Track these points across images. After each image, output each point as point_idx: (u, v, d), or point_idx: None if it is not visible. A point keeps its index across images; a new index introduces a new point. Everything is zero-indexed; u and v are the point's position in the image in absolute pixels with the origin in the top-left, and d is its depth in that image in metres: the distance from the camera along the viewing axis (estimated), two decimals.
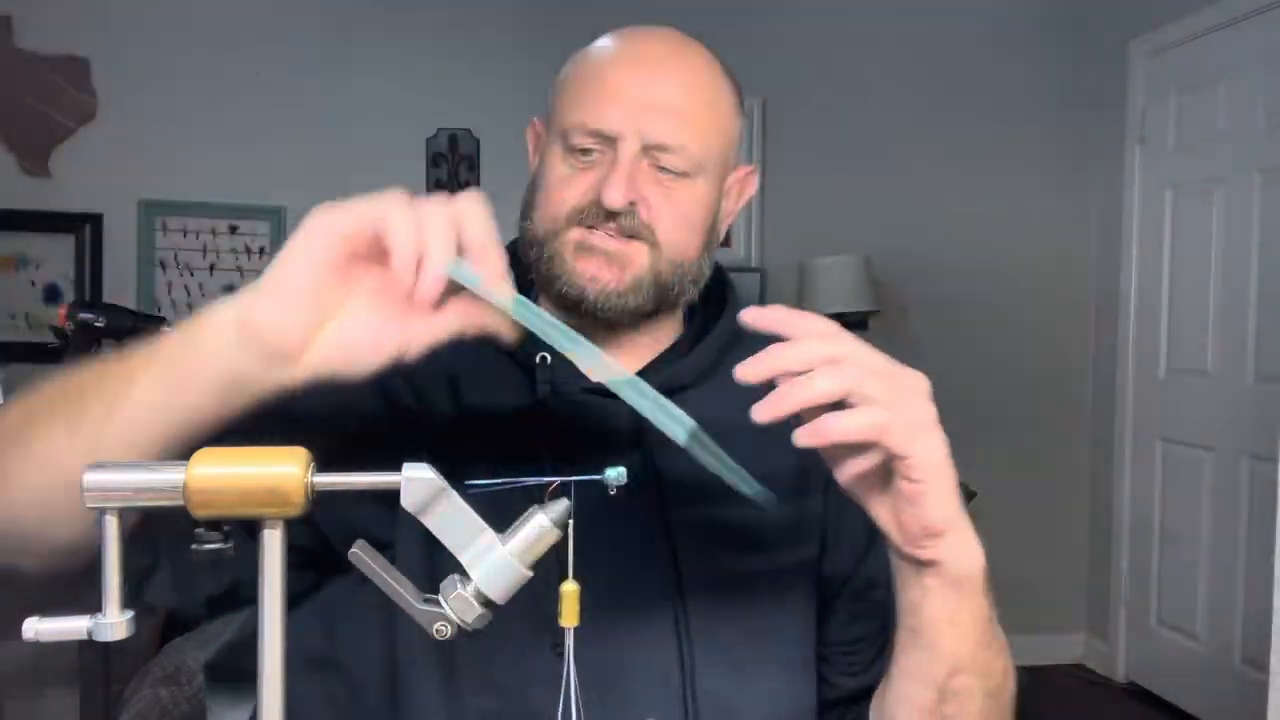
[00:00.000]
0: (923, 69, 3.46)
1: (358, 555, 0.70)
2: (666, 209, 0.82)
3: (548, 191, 0.85)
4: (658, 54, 0.86)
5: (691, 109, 0.84)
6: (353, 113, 3.13)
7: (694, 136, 0.83)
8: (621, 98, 0.82)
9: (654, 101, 0.82)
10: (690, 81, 0.85)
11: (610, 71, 0.85)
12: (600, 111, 0.82)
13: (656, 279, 0.83)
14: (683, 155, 0.82)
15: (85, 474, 0.64)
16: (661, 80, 0.84)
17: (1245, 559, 2.91)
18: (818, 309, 3.22)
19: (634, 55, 0.86)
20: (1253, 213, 2.91)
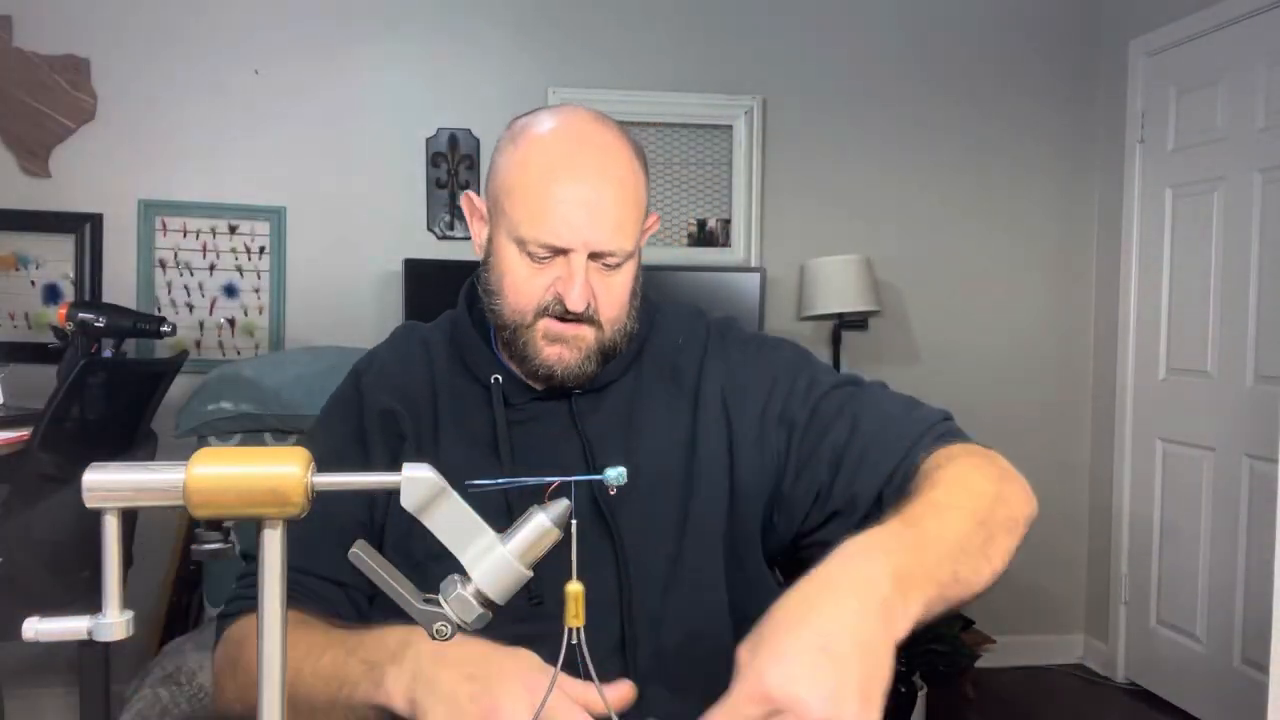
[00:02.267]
0: (922, 69, 3.46)
1: (358, 555, 0.70)
2: (608, 297, 1.03)
3: (513, 288, 1.03)
4: (592, 164, 1.01)
5: (624, 212, 1.01)
6: (353, 112, 3.13)
7: (628, 236, 1.02)
8: (569, 218, 0.99)
9: (596, 216, 0.99)
10: (620, 186, 1.01)
11: (555, 189, 0.99)
12: (554, 230, 0.99)
13: (602, 348, 1.04)
14: (620, 253, 1.01)
15: (85, 474, 0.64)
16: (599, 194, 1.00)
17: (1245, 559, 2.91)
18: (818, 309, 3.23)
19: (572, 170, 1.00)
20: (1253, 213, 2.91)
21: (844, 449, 1.04)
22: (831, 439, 1.05)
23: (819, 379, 1.11)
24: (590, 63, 3.26)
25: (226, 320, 3.07)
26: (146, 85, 3.01)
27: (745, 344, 1.14)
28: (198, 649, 1.83)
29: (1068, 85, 3.55)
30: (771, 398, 1.09)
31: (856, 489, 1.03)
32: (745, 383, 1.10)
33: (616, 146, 1.03)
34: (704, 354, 1.12)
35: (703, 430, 1.08)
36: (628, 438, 1.07)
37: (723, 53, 3.34)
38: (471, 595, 0.69)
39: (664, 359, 1.12)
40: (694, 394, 1.09)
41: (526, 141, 1.03)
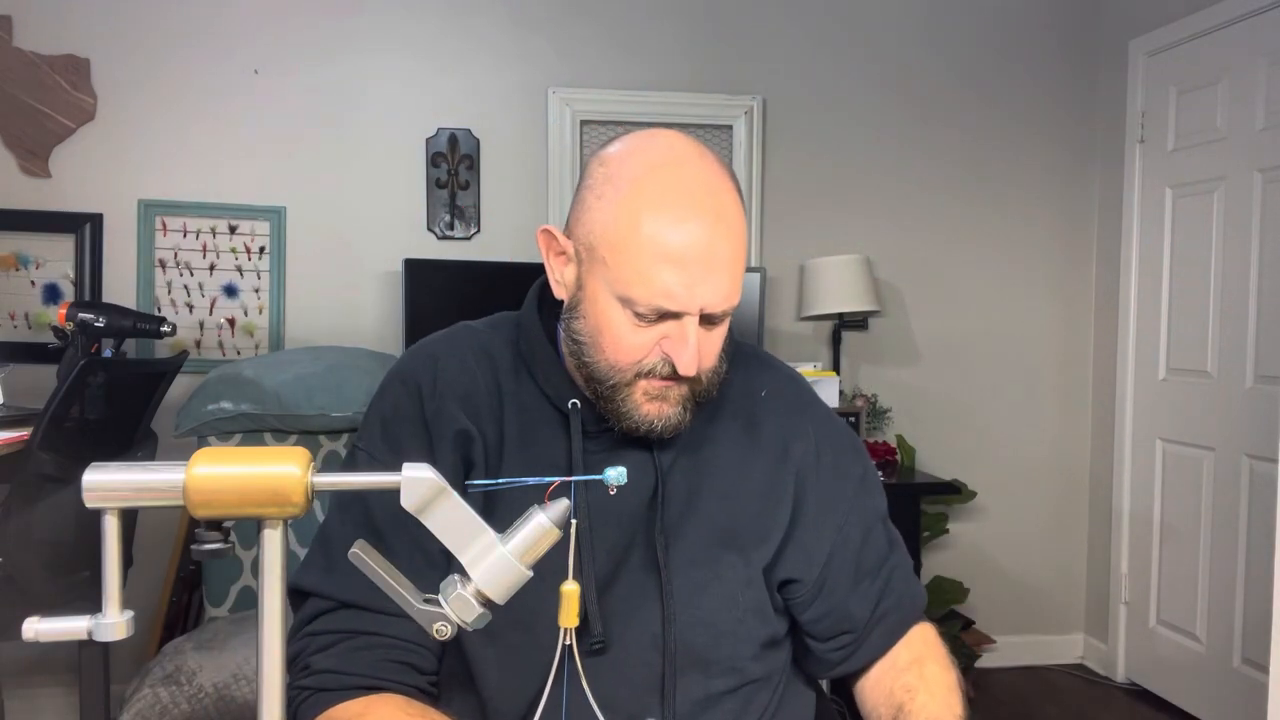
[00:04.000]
0: (923, 69, 3.46)
1: (358, 555, 0.70)
2: (709, 350, 0.99)
3: (614, 345, 0.97)
4: (708, 220, 0.93)
5: (737, 269, 0.95)
6: (353, 112, 3.13)
7: (736, 290, 0.96)
8: (685, 281, 0.92)
9: (711, 277, 0.93)
10: (733, 240, 0.94)
11: (669, 250, 0.92)
12: (668, 294, 0.93)
13: (697, 400, 1.01)
14: (729, 310, 0.97)
15: (85, 474, 0.64)
16: (713, 252, 0.93)
17: (1245, 559, 2.91)
18: (818, 309, 3.23)
19: (686, 228, 0.92)
20: (1253, 213, 2.91)
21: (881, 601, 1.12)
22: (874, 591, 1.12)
23: (877, 503, 1.16)
24: (590, 63, 3.26)
25: (226, 320, 3.07)
26: (146, 85, 3.01)
27: (828, 420, 1.16)
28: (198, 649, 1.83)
29: (1068, 85, 3.55)
30: (840, 497, 1.12)
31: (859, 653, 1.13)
32: (827, 463, 1.12)
33: (725, 190, 0.95)
34: (786, 412, 1.12)
35: (779, 487, 1.08)
36: (698, 478, 1.05)
37: (723, 53, 3.34)
38: (471, 595, 0.69)
39: (741, 406, 1.10)
40: (774, 449, 1.09)
41: (630, 187, 0.94)
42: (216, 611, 2.13)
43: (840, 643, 1.12)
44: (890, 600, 1.12)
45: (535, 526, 0.70)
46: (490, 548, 0.69)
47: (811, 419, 1.13)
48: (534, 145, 3.22)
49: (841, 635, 1.12)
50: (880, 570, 1.13)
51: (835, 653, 1.13)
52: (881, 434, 3.37)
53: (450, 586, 0.70)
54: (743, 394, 1.11)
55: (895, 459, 3.09)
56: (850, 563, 1.11)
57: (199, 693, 1.71)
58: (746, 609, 1.05)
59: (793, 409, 1.13)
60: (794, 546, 1.08)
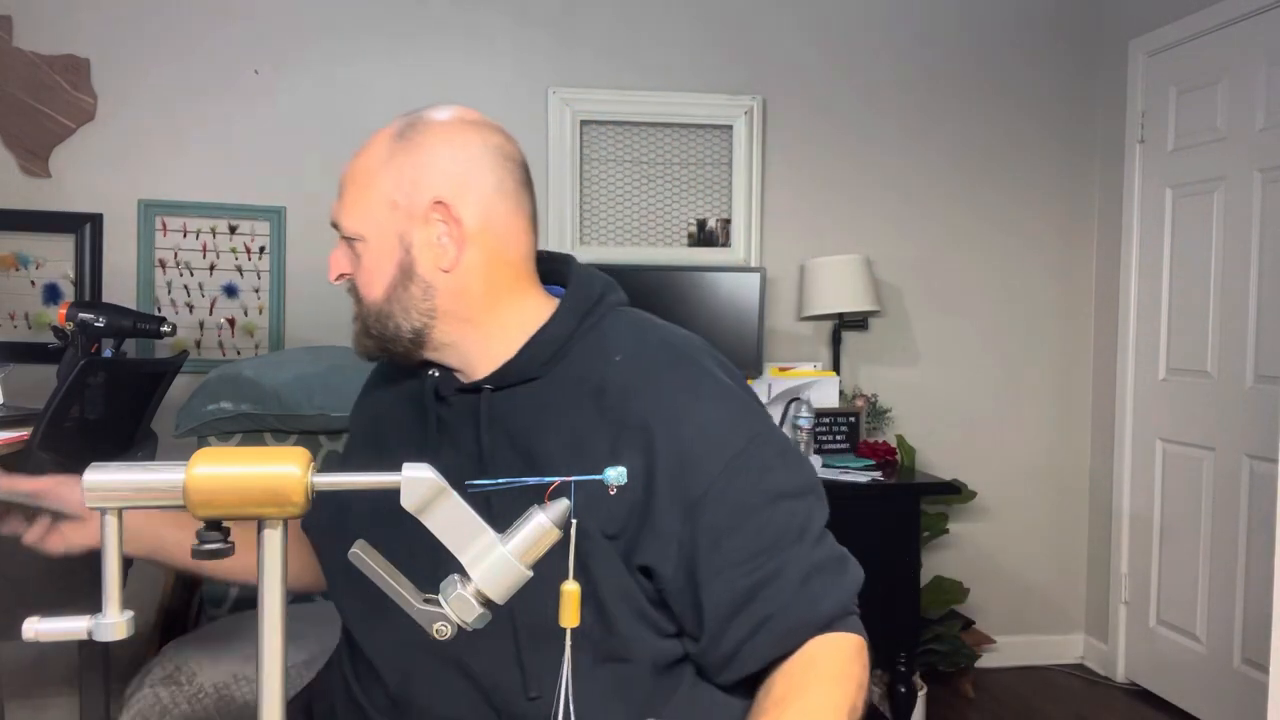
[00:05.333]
0: (923, 69, 3.46)
1: (358, 555, 0.70)
2: (359, 273, 1.09)
3: None
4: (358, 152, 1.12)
5: (351, 192, 1.09)
6: (353, 112, 3.13)
7: (351, 214, 1.08)
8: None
9: (338, 191, 1.11)
10: (353, 169, 1.10)
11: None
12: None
13: (366, 328, 1.11)
14: (344, 229, 1.08)
15: (85, 474, 0.64)
16: (343, 175, 1.11)
17: (1245, 559, 2.91)
18: (818, 309, 3.23)
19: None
20: (1253, 213, 2.91)
21: (753, 599, 0.96)
22: (752, 579, 0.96)
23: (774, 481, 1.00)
24: (590, 63, 3.25)
25: (226, 320, 3.07)
26: (146, 85, 3.01)
27: (701, 384, 1.03)
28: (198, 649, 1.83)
29: (1068, 85, 3.55)
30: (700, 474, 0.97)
31: (742, 652, 0.97)
32: (690, 434, 0.98)
33: (380, 138, 1.10)
34: (643, 378, 1.02)
35: (623, 460, 0.96)
36: (529, 440, 1.02)
37: (723, 53, 3.34)
38: (471, 595, 0.69)
39: (589, 370, 1.04)
40: (622, 419, 0.99)
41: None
42: (216, 611, 2.13)
43: (700, 648, 1.00)
44: (772, 605, 0.96)
45: (535, 526, 0.70)
46: (490, 548, 0.69)
47: (675, 384, 1.01)
48: (534, 145, 3.22)
49: (703, 638, 0.99)
50: (760, 560, 0.96)
51: (701, 658, 1.01)
52: (881, 434, 3.37)
53: (450, 586, 0.70)
54: (597, 358, 1.04)
55: (895, 459, 3.09)
56: (709, 548, 0.96)
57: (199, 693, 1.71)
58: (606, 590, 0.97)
59: (652, 373, 1.02)
60: (651, 531, 0.97)
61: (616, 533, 0.98)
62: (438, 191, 1.04)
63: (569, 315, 1.07)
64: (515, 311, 1.08)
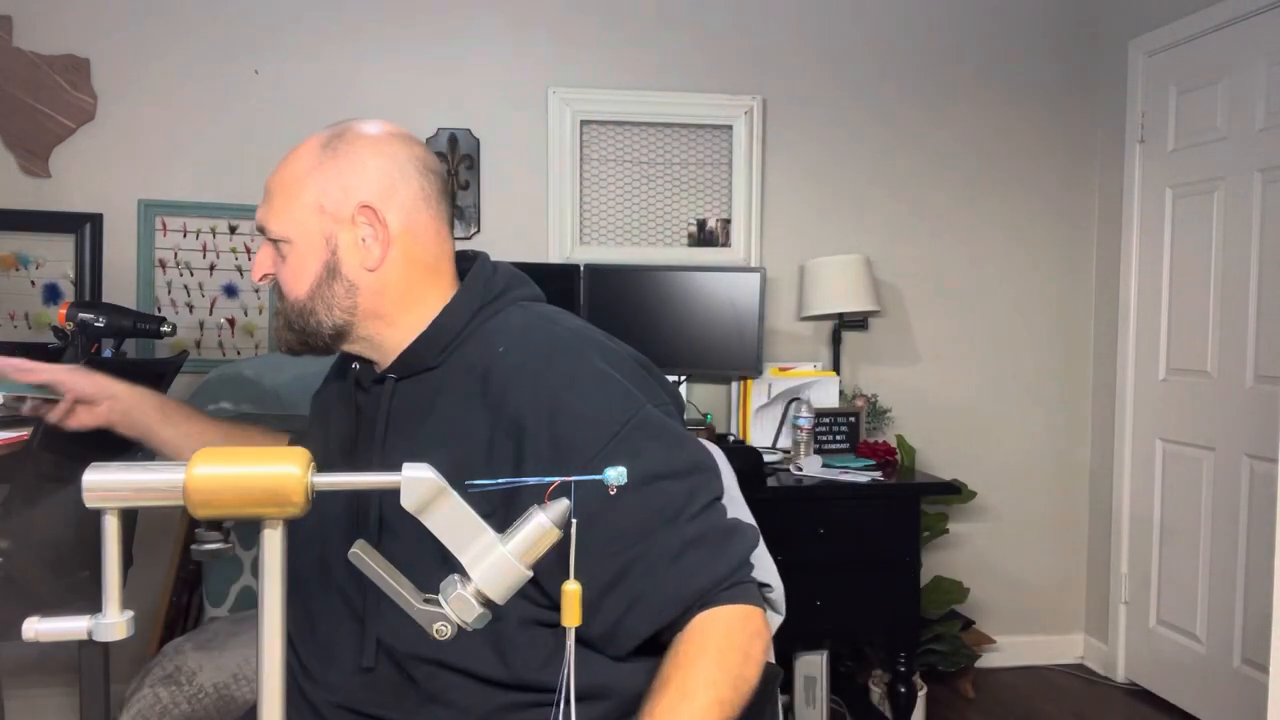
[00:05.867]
0: (923, 69, 3.46)
1: (358, 555, 0.70)
2: (281, 272, 1.16)
3: None
4: (285, 158, 1.20)
5: (276, 195, 1.16)
6: (352, 112, 3.12)
7: (276, 216, 1.15)
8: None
9: (263, 195, 1.18)
10: (280, 172, 1.17)
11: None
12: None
13: (289, 324, 1.18)
14: (269, 230, 1.15)
15: (85, 474, 0.64)
16: (268, 178, 1.19)
17: (1245, 559, 2.91)
18: (818, 309, 3.23)
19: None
20: (1253, 213, 2.91)
21: (624, 577, 1.00)
22: (621, 558, 1.00)
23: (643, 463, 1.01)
24: (590, 63, 3.26)
25: (226, 320, 3.07)
26: (146, 85, 3.01)
27: (578, 375, 1.08)
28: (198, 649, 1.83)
29: (1068, 85, 3.55)
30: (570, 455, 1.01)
31: (619, 629, 1.01)
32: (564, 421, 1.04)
33: (307, 147, 1.17)
34: (525, 369, 1.08)
35: (499, 444, 1.05)
36: (419, 426, 1.12)
37: (723, 53, 3.34)
38: (472, 595, 0.69)
39: (478, 360, 1.12)
40: (499, 406, 1.06)
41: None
42: (216, 611, 2.13)
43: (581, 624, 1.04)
44: (644, 584, 1.00)
45: (535, 526, 0.70)
46: (490, 548, 0.69)
47: (552, 374, 1.07)
48: (534, 145, 3.22)
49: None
50: (628, 541, 1.00)
51: (582, 634, 1.03)
52: (881, 434, 3.37)
53: (450, 586, 0.70)
54: (487, 348, 1.13)
55: (895, 459, 3.09)
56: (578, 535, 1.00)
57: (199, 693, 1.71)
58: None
59: (532, 363, 1.08)
60: (515, 514, 1.00)
61: (489, 513, 0.95)
62: (365, 196, 1.13)
63: (462, 307, 1.17)
64: (426, 307, 1.17)
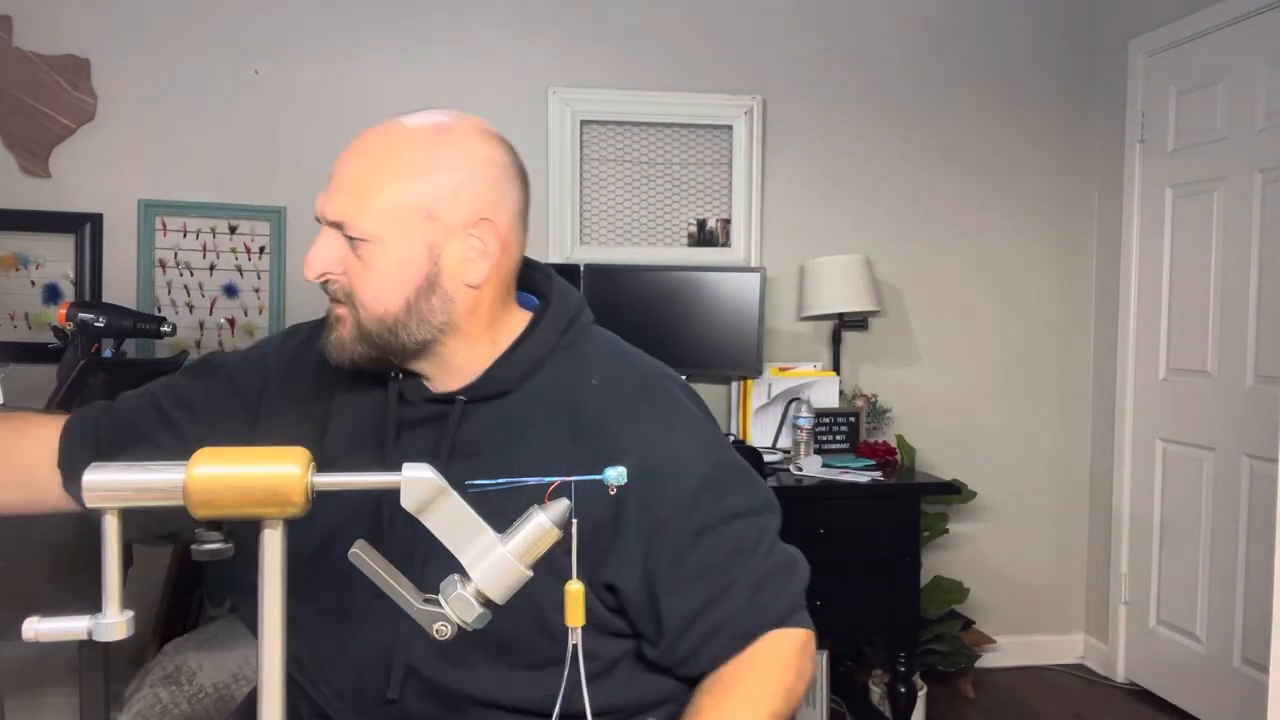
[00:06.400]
0: (922, 68, 3.46)
1: (358, 555, 0.70)
2: (359, 277, 1.01)
3: None
4: (354, 145, 1.04)
5: (362, 187, 1.00)
6: (352, 112, 3.12)
7: (362, 211, 1.00)
8: (326, 185, 1.03)
9: (333, 186, 1.02)
10: (366, 161, 1.02)
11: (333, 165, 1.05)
12: (320, 198, 1.04)
13: (364, 334, 1.03)
14: (349, 225, 1.00)
15: (85, 474, 0.64)
16: (342, 166, 1.02)
17: (1245, 559, 2.91)
18: (818, 309, 3.23)
19: (349, 148, 1.04)
20: (1253, 213, 2.91)
21: (709, 609, 1.03)
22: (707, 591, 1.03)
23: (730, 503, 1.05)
24: (590, 63, 3.25)
25: (226, 320, 3.07)
26: (146, 85, 3.01)
27: (671, 413, 1.08)
28: (198, 649, 1.83)
29: (1068, 85, 3.55)
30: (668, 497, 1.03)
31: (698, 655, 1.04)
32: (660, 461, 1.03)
33: (399, 128, 1.03)
34: (618, 403, 1.06)
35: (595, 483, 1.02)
36: (495, 455, 1.03)
37: (723, 53, 3.34)
38: (471, 595, 0.69)
39: (562, 391, 1.06)
40: (596, 442, 1.03)
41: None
42: (216, 611, 2.13)
43: (658, 652, 1.05)
44: (727, 610, 1.03)
45: (535, 526, 0.70)
46: (490, 548, 0.69)
47: (648, 412, 1.06)
48: (534, 145, 3.21)
49: (661, 644, 1.05)
50: (714, 575, 1.03)
51: (658, 659, 1.06)
52: (881, 434, 3.37)
53: (450, 586, 0.70)
54: (573, 379, 1.07)
55: (895, 459, 3.09)
56: (670, 564, 1.03)
57: (199, 693, 1.71)
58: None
59: (627, 400, 1.06)
60: (617, 551, 1.02)
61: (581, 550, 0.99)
62: (482, 206, 1.03)
63: (549, 332, 1.09)
64: (505, 327, 1.09)
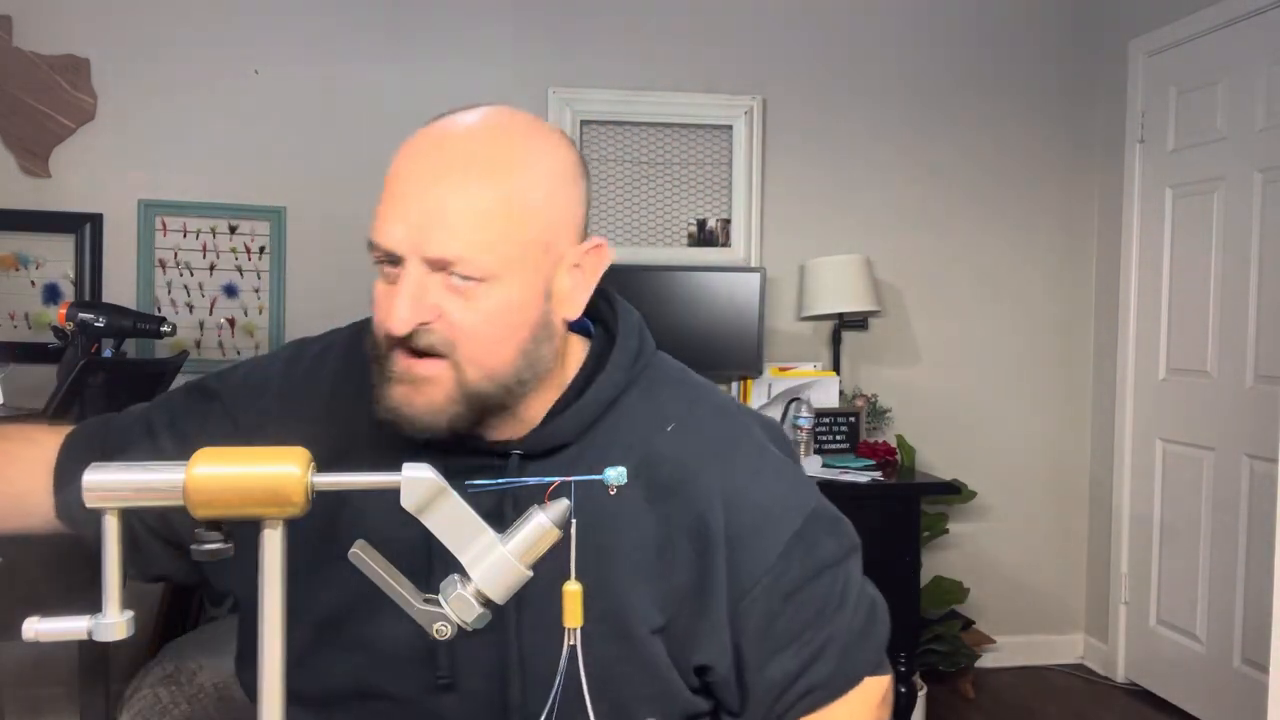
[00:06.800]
0: (922, 69, 3.46)
1: (358, 555, 0.69)
2: (467, 320, 0.81)
3: (374, 310, 0.85)
4: (442, 158, 0.82)
5: (476, 216, 0.80)
6: (352, 112, 3.13)
7: (482, 245, 0.80)
8: (401, 213, 0.80)
9: (431, 214, 0.80)
10: (473, 185, 0.81)
11: (397, 182, 0.82)
12: (385, 228, 0.81)
13: (465, 395, 0.83)
14: (465, 263, 0.80)
15: (85, 474, 0.64)
16: (440, 188, 0.80)
17: (1245, 559, 2.91)
18: (818, 309, 3.23)
19: (418, 162, 0.82)
20: (1253, 213, 2.91)
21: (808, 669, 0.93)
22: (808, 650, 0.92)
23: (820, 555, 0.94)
24: (590, 63, 3.25)
25: (226, 320, 3.07)
26: (146, 85, 3.01)
27: (756, 458, 0.95)
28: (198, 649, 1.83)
29: (1068, 85, 3.55)
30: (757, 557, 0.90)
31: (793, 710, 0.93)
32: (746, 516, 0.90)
33: (498, 142, 0.83)
34: (697, 452, 0.92)
35: (675, 546, 0.89)
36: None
37: (723, 53, 3.34)
38: (472, 595, 0.69)
39: (640, 435, 0.91)
40: (673, 497, 0.90)
41: (410, 137, 0.86)
42: (216, 611, 2.13)
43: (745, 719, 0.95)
44: (819, 675, 0.92)
45: (535, 526, 0.70)
46: (490, 548, 0.68)
47: (732, 463, 0.92)
48: None
49: (747, 714, 0.94)
50: (808, 635, 0.92)
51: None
52: (881, 434, 3.37)
53: (450, 586, 0.70)
54: (646, 425, 0.92)
55: (895, 459, 3.09)
56: (760, 632, 0.91)
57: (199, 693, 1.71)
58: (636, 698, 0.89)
59: (708, 449, 0.92)
60: (705, 625, 0.90)
61: (663, 625, 0.89)
62: (580, 229, 0.89)
63: (617, 371, 0.92)
64: (564, 369, 0.92)
